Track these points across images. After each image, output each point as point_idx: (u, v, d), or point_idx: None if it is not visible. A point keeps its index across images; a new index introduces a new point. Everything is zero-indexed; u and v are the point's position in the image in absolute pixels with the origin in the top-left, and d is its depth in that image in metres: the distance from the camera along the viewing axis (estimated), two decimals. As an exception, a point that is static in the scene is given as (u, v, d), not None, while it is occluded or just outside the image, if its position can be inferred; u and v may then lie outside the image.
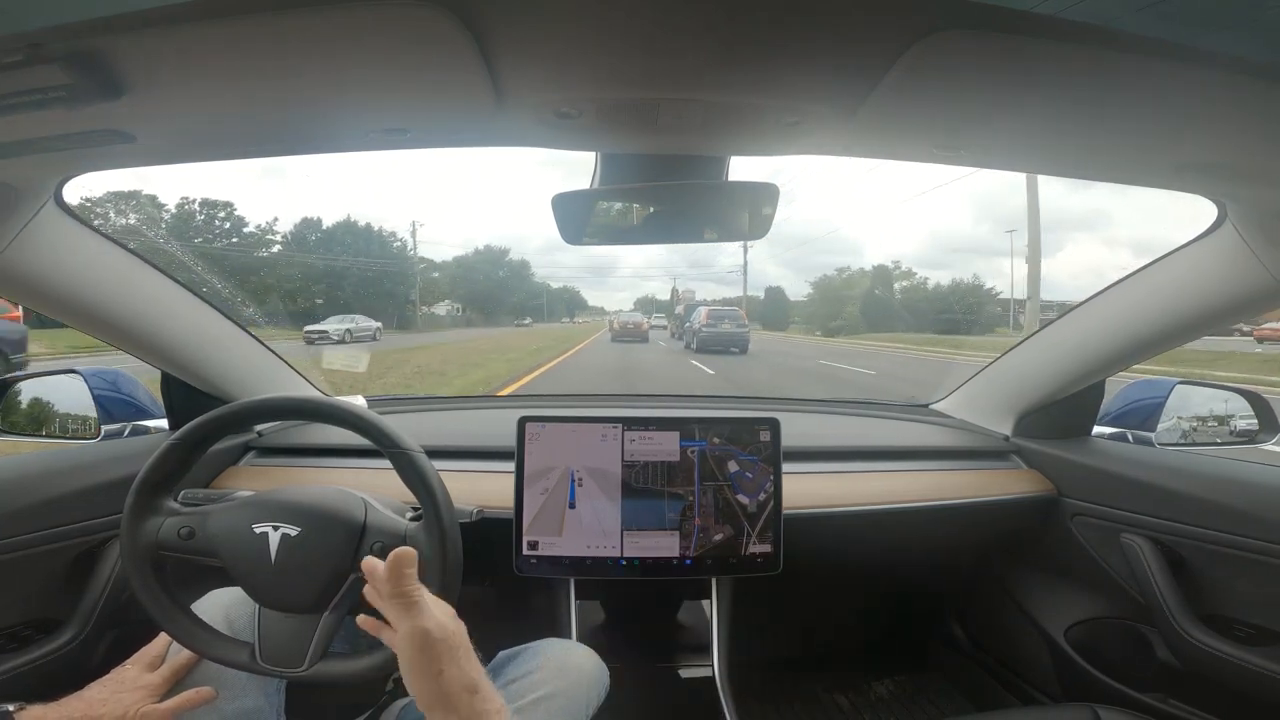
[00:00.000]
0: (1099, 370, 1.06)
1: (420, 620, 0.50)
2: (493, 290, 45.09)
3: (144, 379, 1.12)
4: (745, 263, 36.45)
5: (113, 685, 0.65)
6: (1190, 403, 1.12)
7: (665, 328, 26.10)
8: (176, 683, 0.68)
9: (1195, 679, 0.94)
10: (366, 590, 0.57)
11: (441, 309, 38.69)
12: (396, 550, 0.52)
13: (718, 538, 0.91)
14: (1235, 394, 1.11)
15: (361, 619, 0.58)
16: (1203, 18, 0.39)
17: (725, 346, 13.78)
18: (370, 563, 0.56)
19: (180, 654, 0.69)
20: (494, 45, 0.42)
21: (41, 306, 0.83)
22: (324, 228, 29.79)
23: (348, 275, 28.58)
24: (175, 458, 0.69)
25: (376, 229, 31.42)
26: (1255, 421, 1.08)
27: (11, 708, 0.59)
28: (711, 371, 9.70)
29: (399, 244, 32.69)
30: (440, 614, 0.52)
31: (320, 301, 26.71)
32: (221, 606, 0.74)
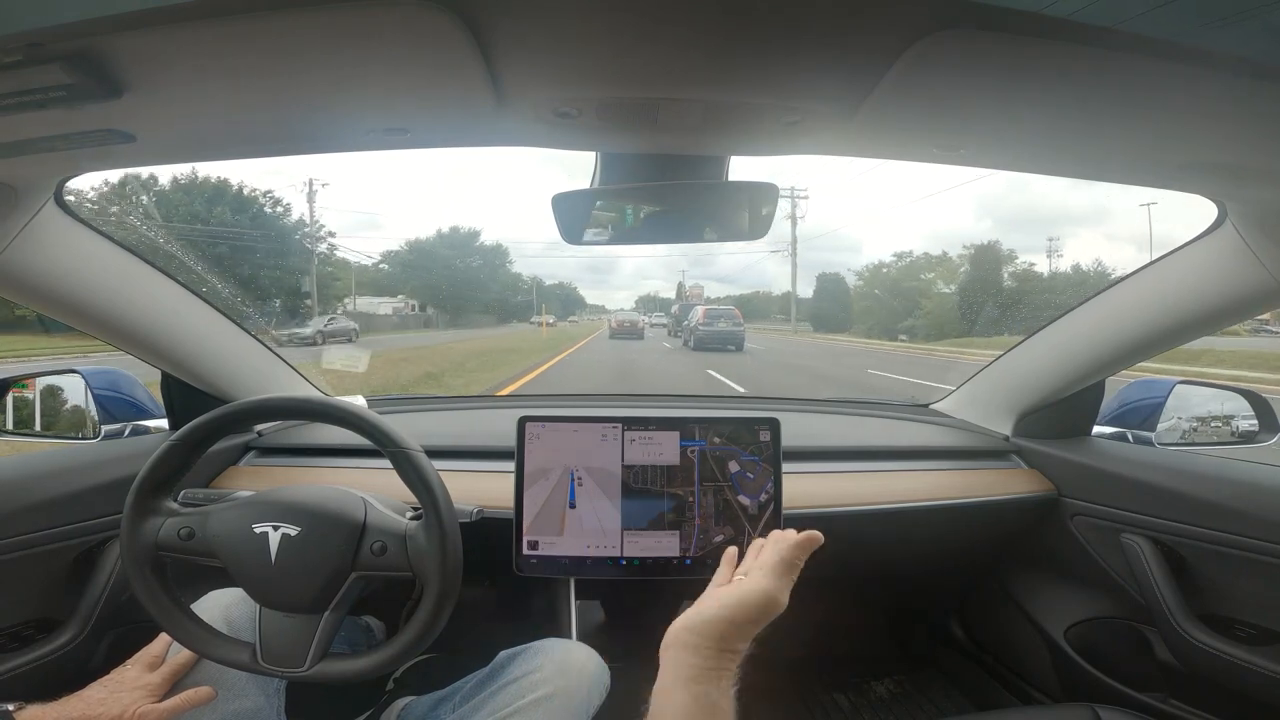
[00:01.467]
0: (1099, 370, 1.06)
1: (783, 592, 0.53)
2: (459, 283, 35.57)
3: (144, 378, 1.12)
4: (794, 238, 28.78)
5: (112, 685, 0.65)
6: (1190, 403, 1.12)
7: (665, 326, 26.06)
8: (176, 683, 0.68)
9: (1195, 679, 0.94)
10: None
11: (386, 306, 30.36)
12: (815, 533, 0.56)
13: (718, 538, 0.91)
14: (1235, 394, 1.11)
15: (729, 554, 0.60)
16: (1203, 18, 0.39)
17: (722, 344, 14.47)
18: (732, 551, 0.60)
19: (180, 654, 0.69)
20: (494, 45, 0.42)
21: (41, 306, 0.83)
22: (158, 187, 19.11)
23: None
24: (175, 458, 0.69)
25: (236, 186, 20.59)
26: (1255, 421, 1.08)
27: (11, 707, 0.59)
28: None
29: (281, 209, 21.68)
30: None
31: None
32: (221, 606, 0.74)
